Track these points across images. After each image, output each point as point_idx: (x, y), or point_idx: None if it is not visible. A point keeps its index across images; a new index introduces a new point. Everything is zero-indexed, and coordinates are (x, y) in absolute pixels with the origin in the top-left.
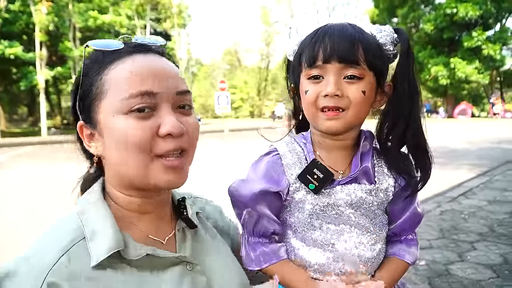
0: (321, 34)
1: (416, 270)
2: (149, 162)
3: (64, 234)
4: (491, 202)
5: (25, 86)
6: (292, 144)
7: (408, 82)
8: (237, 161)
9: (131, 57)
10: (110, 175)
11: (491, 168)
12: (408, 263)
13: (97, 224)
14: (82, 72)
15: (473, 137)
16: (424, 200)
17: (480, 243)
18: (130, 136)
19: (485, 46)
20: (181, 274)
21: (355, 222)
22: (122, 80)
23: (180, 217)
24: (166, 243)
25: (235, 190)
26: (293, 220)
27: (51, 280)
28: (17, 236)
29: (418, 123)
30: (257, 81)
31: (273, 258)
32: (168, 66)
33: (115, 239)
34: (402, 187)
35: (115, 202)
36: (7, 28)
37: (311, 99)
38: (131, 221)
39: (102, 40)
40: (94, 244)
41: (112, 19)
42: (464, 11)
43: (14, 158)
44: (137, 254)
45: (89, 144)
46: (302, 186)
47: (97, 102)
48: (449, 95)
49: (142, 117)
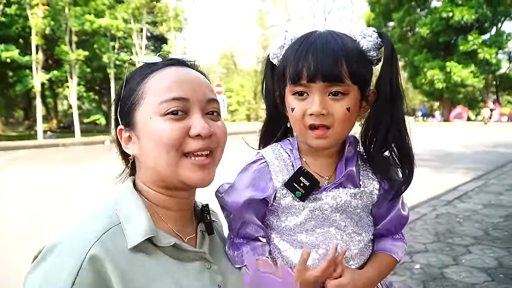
0: (305, 49)
1: (411, 273)
2: (179, 160)
3: (102, 218)
4: (486, 206)
5: (21, 90)
6: (278, 151)
7: (390, 86)
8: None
9: (168, 68)
10: (143, 172)
11: (487, 172)
12: (394, 258)
13: (131, 211)
14: (124, 83)
15: (468, 140)
16: (420, 203)
17: (475, 246)
18: (164, 134)
19: (481, 50)
20: (201, 269)
21: (341, 224)
22: (160, 86)
23: (203, 221)
24: (186, 241)
25: (222, 197)
26: (279, 224)
27: (93, 253)
28: (15, 238)
29: (400, 127)
30: (253, 85)
31: (253, 256)
32: (200, 76)
33: (149, 226)
34: (386, 190)
35: (145, 196)
36: (3, 31)
37: (297, 117)
38: (158, 215)
39: (144, 56)
40: (129, 229)
41: (109, 23)
42: (459, 15)
43: (10, 161)
44: (166, 242)
45: (127, 146)
46: (289, 192)
47: (136, 108)
48: (445, 99)
49: (176, 119)
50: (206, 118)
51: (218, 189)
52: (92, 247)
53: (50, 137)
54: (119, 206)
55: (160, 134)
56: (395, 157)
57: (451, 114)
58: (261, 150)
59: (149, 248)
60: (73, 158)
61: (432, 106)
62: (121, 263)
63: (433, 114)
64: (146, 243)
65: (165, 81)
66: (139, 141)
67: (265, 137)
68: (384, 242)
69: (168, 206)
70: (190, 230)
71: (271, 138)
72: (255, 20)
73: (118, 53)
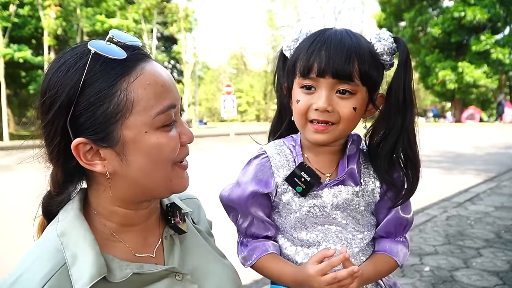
0: (319, 44)
1: (420, 276)
2: (171, 171)
3: (45, 260)
4: (498, 208)
5: (35, 90)
6: (281, 146)
7: (403, 93)
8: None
9: (147, 68)
10: (116, 190)
11: (499, 174)
12: (394, 259)
13: (78, 247)
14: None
15: (481, 142)
16: (430, 205)
17: (486, 249)
18: (165, 148)
19: (493, 50)
20: (171, 284)
21: (341, 222)
22: (150, 94)
23: (168, 224)
24: (155, 255)
25: (227, 195)
26: (280, 220)
27: None
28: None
29: (410, 136)
30: (263, 85)
31: (263, 250)
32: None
33: (97, 264)
34: (388, 196)
35: (102, 216)
36: (16, 32)
37: (301, 110)
38: (116, 238)
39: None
40: (76, 271)
41: (119, 23)
42: (472, 14)
43: (21, 160)
44: (123, 276)
45: (90, 163)
46: (289, 188)
47: (119, 120)
48: (457, 99)
49: (169, 130)
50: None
51: (223, 190)
52: None
53: None
54: (64, 239)
55: (159, 149)
56: (402, 165)
57: (463, 115)
58: (264, 145)
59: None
60: None
61: (443, 107)
62: None
63: (445, 115)
64: (99, 284)
65: (155, 86)
66: (122, 157)
67: (275, 130)
68: (384, 243)
69: (131, 222)
70: (155, 239)
71: (280, 131)
72: (265, 21)
73: None
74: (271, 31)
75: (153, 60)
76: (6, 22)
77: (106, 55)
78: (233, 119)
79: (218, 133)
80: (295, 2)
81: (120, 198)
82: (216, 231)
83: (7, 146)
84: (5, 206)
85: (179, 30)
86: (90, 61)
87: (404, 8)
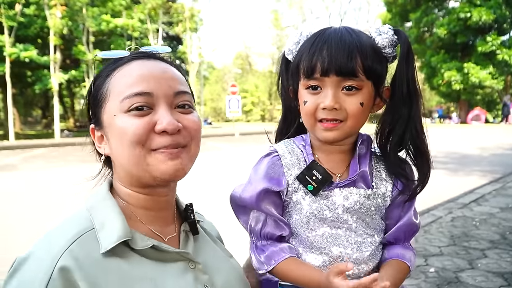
0: (319, 43)
1: (426, 277)
2: (146, 156)
3: (74, 225)
4: (503, 209)
5: (40, 89)
6: (291, 146)
7: (407, 84)
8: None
9: (132, 63)
10: (117, 172)
11: (504, 175)
12: (408, 265)
13: (106, 216)
14: (93, 81)
15: (486, 143)
16: (435, 206)
17: (491, 250)
18: (128, 131)
19: (499, 51)
20: (184, 269)
21: (351, 226)
22: (123, 82)
23: (186, 220)
24: (168, 241)
25: (238, 195)
26: (291, 221)
27: (62, 264)
28: (30, 236)
29: (417, 125)
30: (268, 85)
31: (282, 255)
32: (167, 69)
33: (123, 229)
34: (400, 190)
35: (122, 198)
36: (22, 32)
37: (310, 111)
38: (136, 217)
39: (110, 51)
40: (103, 234)
41: (125, 23)
42: (478, 15)
43: (27, 159)
44: (144, 245)
45: (99, 145)
46: (300, 187)
47: (102, 105)
48: (462, 100)
49: (140, 115)
50: (176, 112)
51: (233, 191)
52: (60, 258)
53: (67, 136)
54: (94, 211)
55: (124, 131)
56: (412, 156)
57: (468, 115)
58: (274, 144)
59: (125, 252)
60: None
61: (449, 108)
62: (92, 272)
63: (450, 116)
64: (121, 247)
65: (128, 76)
66: (108, 139)
67: (281, 133)
68: (394, 250)
69: (147, 206)
70: (171, 230)
71: (287, 134)
72: (270, 21)
73: None
74: (276, 31)
75: (159, 59)
76: (12, 22)
77: (108, 57)
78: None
79: (223, 133)
80: (300, 2)
81: (122, 179)
82: (222, 232)
83: (13, 146)
84: (11, 204)
85: (184, 30)
86: (104, 64)
87: (409, 8)
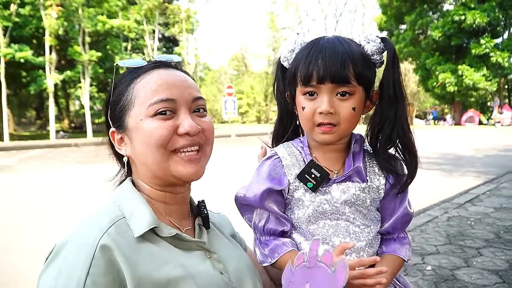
0: (315, 53)
1: (423, 274)
2: (169, 156)
3: (106, 215)
4: (497, 209)
5: (35, 90)
6: (290, 148)
7: (393, 88)
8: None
9: (154, 71)
10: (139, 171)
11: (498, 176)
12: (403, 259)
13: (134, 207)
14: (112, 88)
15: (480, 144)
16: (431, 206)
17: (486, 249)
18: (154, 133)
19: (493, 54)
20: (203, 258)
21: (350, 217)
22: (148, 90)
23: (200, 215)
24: (184, 232)
25: (243, 195)
26: (293, 217)
27: (103, 243)
28: (26, 237)
29: (404, 125)
30: (264, 87)
31: (285, 248)
32: (186, 77)
33: (152, 217)
34: (392, 184)
35: (144, 193)
36: (17, 32)
37: (308, 116)
38: (158, 209)
39: (129, 60)
40: (133, 221)
41: (121, 24)
42: (472, 18)
43: (22, 161)
44: (168, 233)
45: (120, 147)
46: (301, 185)
47: (127, 111)
48: (457, 102)
49: (164, 119)
50: (194, 116)
51: (238, 192)
52: (101, 238)
53: (62, 137)
54: (121, 203)
55: (150, 134)
56: (400, 153)
57: (462, 117)
58: (274, 148)
59: (153, 238)
60: (85, 158)
61: (443, 110)
62: (129, 252)
63: (445, 118)
64: (150, 234)
65: (152, 84)
66: (131, 142)
67: (277, 135)
68: (393, 245)
69: (166, 201)
70: (187, 223)
71: (283, 136)
72: (266, 22)
73: (130, 54)
74: (272, 33)
75: (174, 68)
76: (7, 22)
77: (128, 66)
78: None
79: (220, 134)
80: (296, 4)
81: (144, 178)
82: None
83: (8, 147)
84: (5, 206)
85: (180, 31)
86: (123, 72)
87: (405, 11)
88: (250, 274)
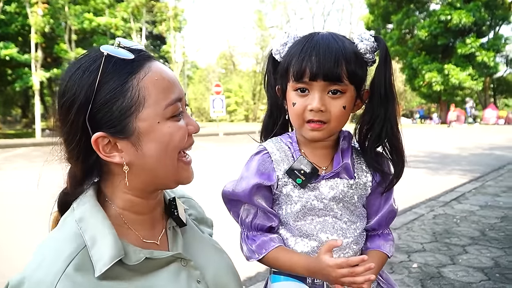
0: (308, 49)
1: (409, 272)
2: (177, 160)
3: (67, 244)
4: (483, 207)
5: (21, 87)
6: (279, 143)
7: (384, 87)
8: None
9: (152, 65)
10: (131, 178)
11: (484, 174)
12: (387, 255)
13: (96, 231)
14: (96, 82)
15: (465, 143)
16: (417, 204)
17: (472, 246)
18: (175, 136)
19: (478, 53)
20: (177, 270)
21: (337, 213)
22: (160, 88)
23: (171, 216)
24: (159, 242)
25: (231, 190)
26: (281, 212)
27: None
28: (13, 237)
29: (393, 125)
30: (252, 85)
31: (272, 244)
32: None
33: (116, 246)
34: (378, 182)
35: (117, 205)
36: (2, 29)
37: (298, 112)
38: (128, 226)
39: (112, 48)
40: (96, 252)
41: (108, 21)
42: (458, 18)
43: (8, 159)
44: (137, 259)
45: (108, 155)
46: (290, 180)
47: (135, 112)
48: (443, 101)
49: (178, 120)
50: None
51: (225, 186)
52: (58, 283)
53: (48, 136)
54: (83, 225)
55: (171, 137)
56: (387, 152)
57: (448, 116)
58: (263, 143)
59: (119, 270)
60: None
61: (430, 109)
62: None
63: (431, 117)
64: (115, 265)
65: (161, 81)
66: (137, 146)
67: (266, 128)
68: (377, 241)
69: (140, 211)
70: (160, 227)
71: (272, 129)
72: (254, 21)
73: None
74: (260, 31)
75: (156, 60)
76: None
77: (117, 56)
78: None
79: (207, 133)
80: (284, 3)
81: (135, 187)
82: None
83: None
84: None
85: (168, 29)
86: (104, 63)
87: (391, 10)
88: (229, 276)
